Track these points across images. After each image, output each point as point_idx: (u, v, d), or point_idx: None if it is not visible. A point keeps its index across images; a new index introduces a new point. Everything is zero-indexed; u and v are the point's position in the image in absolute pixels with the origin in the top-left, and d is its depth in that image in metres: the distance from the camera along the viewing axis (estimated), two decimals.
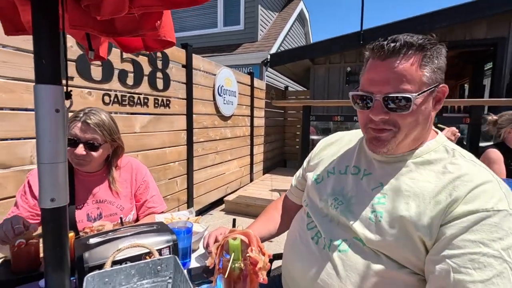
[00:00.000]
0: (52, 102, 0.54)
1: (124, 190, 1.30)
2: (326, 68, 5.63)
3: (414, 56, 0.63)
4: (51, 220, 0.55)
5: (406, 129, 0.67)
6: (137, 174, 1.36)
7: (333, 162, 0.86)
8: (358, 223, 0.69)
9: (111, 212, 1.25)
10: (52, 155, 0.54)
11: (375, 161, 0.76)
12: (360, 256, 0.67)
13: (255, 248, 0.56)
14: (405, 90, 0.63)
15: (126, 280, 0.62)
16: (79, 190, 1.22)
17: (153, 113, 2.67)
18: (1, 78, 1.56)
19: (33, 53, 0.54)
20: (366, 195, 0.72)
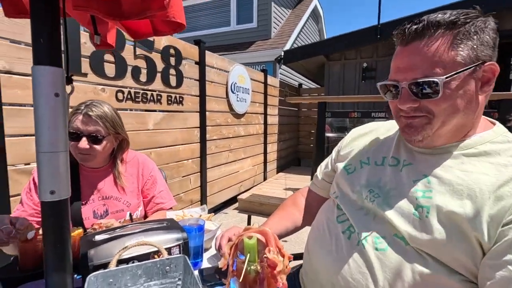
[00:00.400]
0: (51, 85, 0.49)
1: (131, 186, 1.26)
2: (341, 64, 5.48)
3: (443, 35, 0.57)
4: (51, 214, 0.50)
5: (442, 115, 0.60)
6: (144, 168, 1.32)
7: (368, 153, 0.79)
8: (400, 218, 0.61)
9: (117, 209, 1.22)
10: (51, 143, 0.49)
11: (417, 153, 0.68)
12: (402, 257, 0.59)
13: (273, 249, 0.50)
14: (433, 73, 0.57)
15: (132, 281, 0.57)
16: (84, 186, 1.19)
17: (166, 110, 2.65)
18: (17, 75, 1.56)
19: (31, 32, 0.50)
20: (406, 187, 0.64)
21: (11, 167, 1.55)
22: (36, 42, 0.49)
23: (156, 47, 2.47)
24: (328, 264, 0.68)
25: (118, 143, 1.24)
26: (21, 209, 1.11)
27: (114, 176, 1.24)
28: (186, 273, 0.59)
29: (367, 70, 5.31)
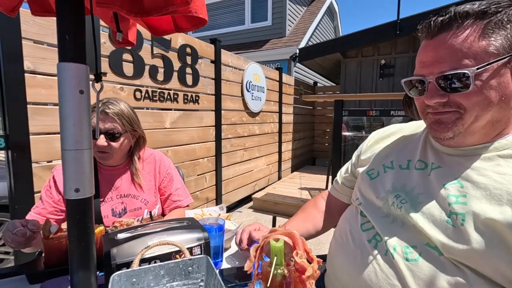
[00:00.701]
0: (76, 82, 0.49)
1: (148, 183, 1.27)
2: (358, 61, 5.36)
3: (473, 25, 0.54)
4: (76, 212, 0.50)
5: (476, 110, 0.55)
6: (161, 166, 1.32)
7: (391, 156, 0.75)
8: (432, 226, 0.57)
9: (135, 207, 1.22)
10: (76, 141, 0.49)
11: (446, 155, 0.64)
12: (436, 268, 0.55)
13: (302, 252, 0.47)
14: (462, 65, 0.53)
15: (155, 281, 0.56)
16: (102, 184, 1.20)
17: (183, 109, 2.67)
18: (41, 75, 1.60)
19: (57, 30, 0.49)
20: (437, 192, 0.60)
21: (35, 164, 1.60)
22: (61, 40, 0.48)
23: (172, 46, 2.48)
24: (353, 275, 0.65)
25: (135, 140, 1.25)
26: (41, 206, 1.13)
27: (132, 174, 1.25)
28: (209, 274, 0.57)
29: (385, 67, 5.17)
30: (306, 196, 3.91)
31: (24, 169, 1.53)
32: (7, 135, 1.46)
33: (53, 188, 1.15)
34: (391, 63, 5.12)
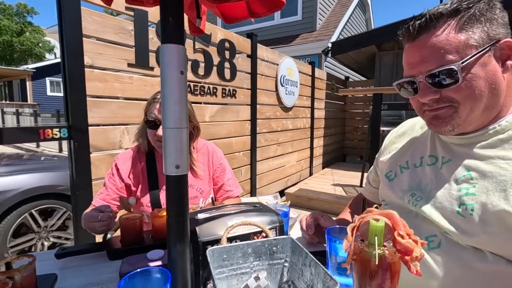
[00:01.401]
0: (177, 63, 0.51)
1: (203, 173, 1.30)
2: (395, 54, 5.13)
3: (448, 24, 0.58)
4: (176, 188, 0.52)
5: (469, 102, 0.59)
6: (213, 156, 1.35)
7: (406, 155, 0.78)
8: (444, 219, 0.61)
9: (191, 195, 1.26)
10: (177, 120, 0.51)
11: (454, 145, 0.67)
12: (456, 253, 0.59)
13: (403, 233, 0.46)
14: (447, 61, 0.57)
15: (243, 258, 0.57)
16: (160, 173, 1.25)
17: (221, 103, 2.71)
18: (97, 69, 1.70)
19: (160, 13, 0.51)
20: (448, 186, 0.64)
21: (93, 154, 1.70)
22: (165, 22, 0.50)
23: (212, 41, 2.53)
24: None
25: (189, 130, 1.29)
26: (105, 192, 1.19)
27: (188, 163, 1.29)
28: (294, 254, 0.57)
29: None
30: (340, 193, 3.83)
31: (83, 158, 1.64)
32: (70, 126, 1.56)
33: (116, 176, 1.21)
34: None
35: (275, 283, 0.59)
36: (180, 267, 0.53)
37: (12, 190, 2.28)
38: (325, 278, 0.47)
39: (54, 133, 1.51)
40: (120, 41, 1.81)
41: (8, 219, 2.30)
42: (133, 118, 1.92)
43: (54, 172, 2.69)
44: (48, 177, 2.57)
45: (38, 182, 2.46)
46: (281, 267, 0.60)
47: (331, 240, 0.67)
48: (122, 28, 1.82)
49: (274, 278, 0.59)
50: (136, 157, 1.26)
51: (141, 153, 1.27)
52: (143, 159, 1.26)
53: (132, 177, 1.22)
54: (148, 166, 1.24)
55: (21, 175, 2.43)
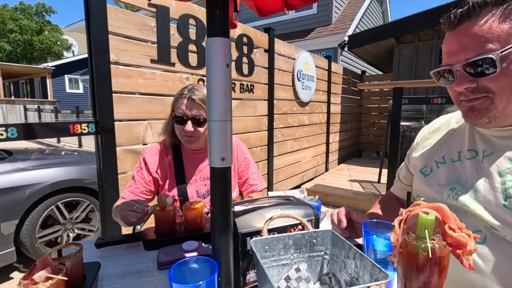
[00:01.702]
0: (223, 56, 0.51)
1: None
2: (414, 46, 4.99)
3: (492, 12, 0.57)
4: (221, 180, 0.53)
5: (505, 92, 0.58)
6: (238, 151, 1.36)
7: (442, 150, 0.77)
8: (489, 212, 0.60)
9: None
10: (223, 113, 0.52)
11: (494, 138, 0.66)
12: (502, 248, 0.58)
13: (455, 226, 0.45)
14: (486, 50, 0.56)
15: (284, 250, 0.58)
16: (187, 167, 1.27)
17: (239, 98, 2.72)
18: (122, 65, 1.74)
19: (206, 7, 0.52)
20: (492, 179, 0.63)
21: (118, 148, 1.75)
22: (211, 15, 0.51)
23: (231, 36, 2.52)
24: None
25: None
26: (134, 185, 1.22)
27: None
28: (336, 246, 0.58)
29: None
30: (358, 188, 3.78)
31: (110, 152, 1.68)
32: (97, 121, 1.61)
33: (144, 169, 1.24)
34: None
35: (315, 275, 0.60)
36: (224, 258, 0.55)
37: (41, 183, 2.38)
38: (373, 270, 0.47)
39: (83, 128, 1.56)
40: (143, 37, 1.84)
41: (37, 211, 2.41)
42: (156, 114, 1.96)
43: (79, 166, 2.78)
44: (73, 171, 2.67)
45: (65, 176, 2.55)
46: (321, 259, 0.60)
47: (369, 234, 0.66)
48: (145, 25, 1.85)
49: (314, 270, 0.60)
50: (163, 151, 1.28)
51: (168, 147, 1.30)
52: (170, 154, 1.28)
53: (159, 171, 1.25)
54: (175, 160, 1.27)
55: (49, 169, 2.52)
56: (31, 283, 0.51)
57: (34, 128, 1.40)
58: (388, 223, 0.69)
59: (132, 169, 1.84)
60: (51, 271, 0.54)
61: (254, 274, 0.64)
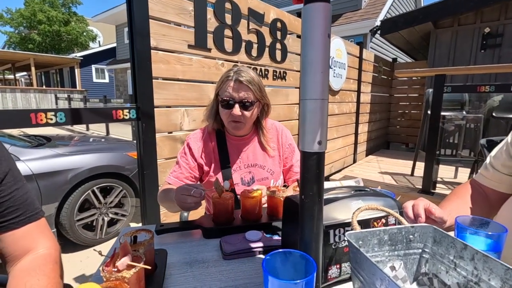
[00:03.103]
0: (325, 25, 0.44)
1: (273, 153, 1.26)
2: (453, 31, 4.65)
3: None
4: (316, 165, 0.47)
5: None
6: (283, 136, 1.30)
7: None
8: None
9: (262, 176, 1.23)
10: (322, 90, 0.46)
11: None
12: None
13: None
14: None
15: (379, 246, 0.52)
16: (231, 154, 1.23)
17: (271, 85, 2.64)
18: (162, 51, 1.71)
19: None
20: None
21: (157, 134, 1.74)
22: None
23: (265, 21, 2.44)
24: None
25: (260, 108, 1.23)
26: (179, 170, 1.20)
27: (260, 143, 1.25)
28: (441, 244, 0.51)
29: (489, 36, 4.39)
30: (390, 181, 3.64)
31: (150, 138, 1.68)
32: (138, 107, 1.60)
33: (188, 155, 1.21)
34: (498, 31, 4.32)
35: (411, 274, 0.54)
36: (314, 252, 0.50)
37: (79, 168, 2.46)
38: (506, 275, 0.40)
39: (125, 114, 1.56)
40: (182, 21, 1.80)
41: (75, 195, 2.49)
42: (192, 101, 1.93)
43: (112, 153, 2.85)
44: (107, 157, 2.74)
45: (101, 162, 2.62)
46: (418, 257, 0.54)
47: (465, 231, 0.59)
48: (183, 9, 1.80)
49: (409, 269, 0.54)
50: (207, 137, 1.25)
51: (211, 133, 1.26)
52: (214, 140, 1.24)
53: (204, 157, 1.22)
54: (219, 146, 1.23)
55: (86, 154, 2.60)
56: (115, 271, 0.48)
57: (81, 113, 1.41)
58: (485, 219, 0.61)
59: (170, 156, 1.85)
60: (132, 259, 0.51)
61: (336, 269, 0.59)
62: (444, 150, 3.37)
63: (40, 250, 0.67)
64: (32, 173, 2.29)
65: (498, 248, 0.57)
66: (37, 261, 0.64)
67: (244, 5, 2.22)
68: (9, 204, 0.65)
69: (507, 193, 0.80)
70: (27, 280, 0.59)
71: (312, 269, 0.44)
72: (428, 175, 3.03)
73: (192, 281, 0.64)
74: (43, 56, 14.65)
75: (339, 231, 0.58)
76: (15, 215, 0.66)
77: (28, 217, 0.68)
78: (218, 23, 2.02)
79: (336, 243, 0.58)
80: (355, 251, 0.46)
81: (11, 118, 1.19)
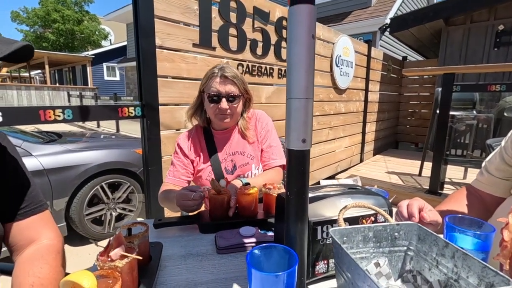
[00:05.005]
0: (308, 26, 0.46)
1: (252, 138, 1.29)
2: (465, 29, 4.54)
3: None
4: (299, 163, 0.49)
5: None
6: (260, 120, 1.33)
7: None
8: None
9: (243, 162, 1.26)
10: (306, 89, 0.47)
11: None
12: None
13: None
14: None
15: (363, 242, 0.53)
16: (218, 147, 1.28)
17: (277, 84, 2.65)
18: (166, 50, 1.74)
19: None
20: None
21: (162, 132, 1.78)
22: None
23: (271, 20, 2.44)
24: None
25: (243, 102, 1.27)
26: (174, 169, 1.25)
27: (240, 133, 1.28)
28: (425, 242, 0.52)
29: (503, 34, 4.27)
30: (396, 181, 3.60)
31: (155, 135, 1.72)
32: (143, 104, 1.64)
33: (180, 154, 1.27)
34: None
35: (396, 271, 0.54)
36: (299, 247, 0.51)
37: (89, 164, 2.52)
38: (483, 273, 0.40)
39: (130, 111, 1.59)
40: (186, 20, 1.82)
41: (84, 190, 2.56)
42: None
43: (121, 149, 2.91)
44: (116, 154, 2.80)
45: (109, 158, 2.68)
46: (403, 255, 0.54)
47: (453, 230, 0.59)
48: (188, 8, 1.83)
49: (394, 266, 0.54)
50: (194, 135, 1.30)
51: (199, 131, 1.32)
52: (201, 136, 1.30)
53: (194, 153, 1.27)
54: (207, 141, 1.28)
55: (95, 151, 2.66)
56: (108, 260, 0.51)
57: (87, 110, 1.45)
58: (474, 219, 0.61)
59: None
60: (125, 250, 0.53)
61: (324, 265, 0.60)
62: (455, 150, 3.32)
63: (43, 241, 0.70)
64: (43, 168, 2.37)
65: (486, 247, 0.57)
66: (40, 251, 0.68)
67: (249, 3, 2.23)
68: (17, 194, 0.69)
69: (502, 197, 0.81)
70: (30, 268, 0.63)
71: (294, 262, 0.46)
72: (435, 175, 2.99)
73: (185, 273, 0.66)
74: (56, 55, 15.01)
75: (326, 228, 0.59)
76: (21, 206, 0.70)
77: (33, 209, 0.72)
78: (223, 21, 2.04)
79: (323, 240, 0.59)
80: (337, 246, 0.47)
81: (22, 115, 1.24)
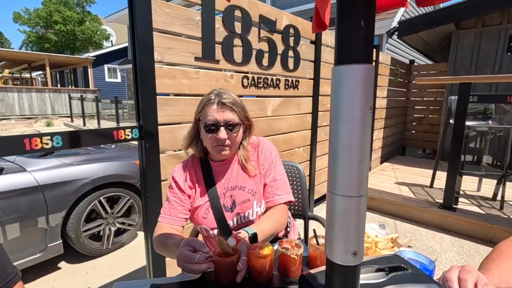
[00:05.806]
0: (364, 94, 0.31)
1: (254, 171, 1.13)
2: (477, 33, 4.37)
3: None
4: (346, 281, 0.34)
5: None
6: (263, 151, 1.17)
7: None
8: None
9: (244, 199, 1.10)
10: (360, 183, 0.33)
11: None
12: None
13: None
14: None
15: None
16: (218, 183, 1.13)
17: (283, 96, 2.51)
18: (166, 65, 1.60)
19: (338, 18, 0.32)
20: None
21: (162, 154, 1.64)
22: (345, 32, 0.31)
23: (277, 28, 2.30)
24: None
25: (244, 129, 1.13)
26: (170, 206, 1.10)
27: (240, 164, 1.13)
28: None
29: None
30: (407, 193, 3.45)
31: (153, 158, 1.58)
32: (141, 125, 1.50)
33: (175, 188, 1.12)
34: None
35: None
36: None
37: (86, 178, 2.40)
38: None
39: (127, 133, 1.46)
40: (188, 33, 1.68)
41: (81, 205, 2.44)
42: None
43: (120, 161, 2.78)
44: (114, 167, 2.67)
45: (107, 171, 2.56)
46: None
47: None
48: (190, 19, 1.69)
49: None
50: (190, 167, 1.16)
51: (195, 162, 1.17)
52: (198, 168, 1.15)
53: (190, 187, 1.13)
54: (204, 174, 1.13)
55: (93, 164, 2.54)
56: None
57: (79, 135, 1.32)
58: None
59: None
60: None
61: None
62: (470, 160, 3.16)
63: None
64: (38, 184, 2.24)
65: None
66: None
67: (255, 12, 2.09)
68: None
69: None
70: None
71: None
72: (450, 189, 2.84)
73: None
74: (58, 56, 14.92)
75: None
76: None
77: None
78: (227, 32, 1.90)
79: None
80: None
81: (3, 146, 1.11)
